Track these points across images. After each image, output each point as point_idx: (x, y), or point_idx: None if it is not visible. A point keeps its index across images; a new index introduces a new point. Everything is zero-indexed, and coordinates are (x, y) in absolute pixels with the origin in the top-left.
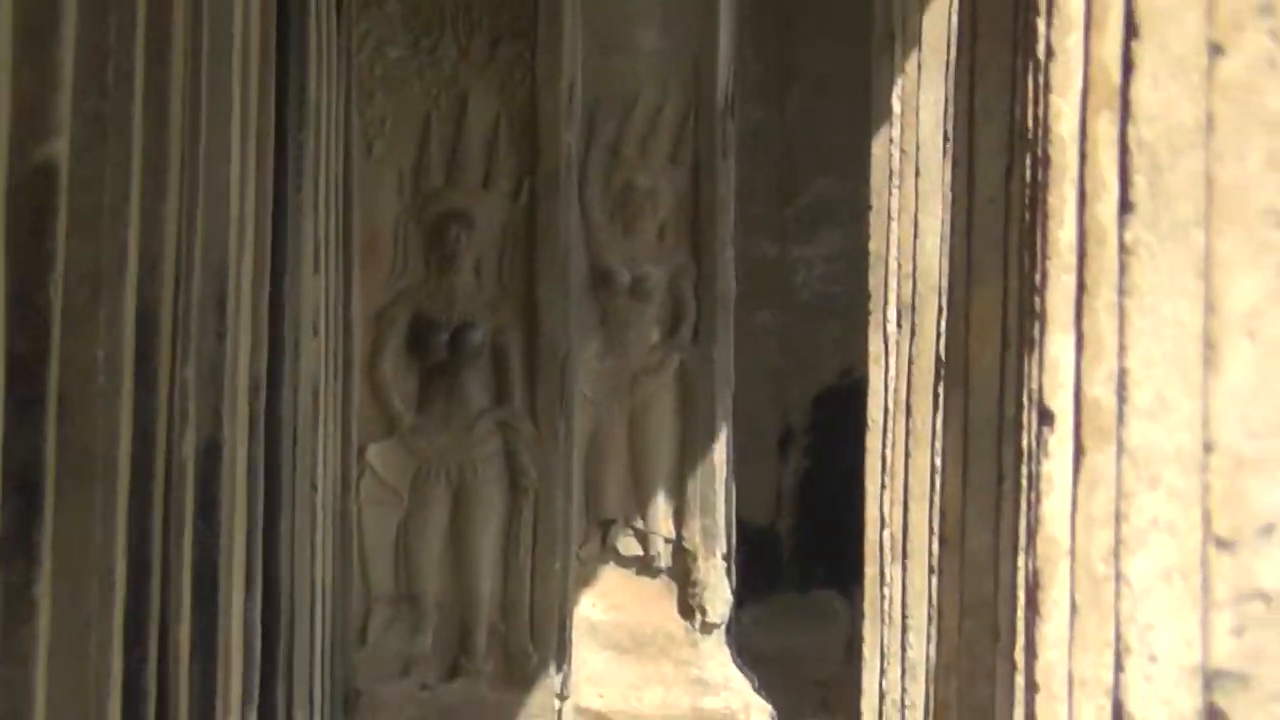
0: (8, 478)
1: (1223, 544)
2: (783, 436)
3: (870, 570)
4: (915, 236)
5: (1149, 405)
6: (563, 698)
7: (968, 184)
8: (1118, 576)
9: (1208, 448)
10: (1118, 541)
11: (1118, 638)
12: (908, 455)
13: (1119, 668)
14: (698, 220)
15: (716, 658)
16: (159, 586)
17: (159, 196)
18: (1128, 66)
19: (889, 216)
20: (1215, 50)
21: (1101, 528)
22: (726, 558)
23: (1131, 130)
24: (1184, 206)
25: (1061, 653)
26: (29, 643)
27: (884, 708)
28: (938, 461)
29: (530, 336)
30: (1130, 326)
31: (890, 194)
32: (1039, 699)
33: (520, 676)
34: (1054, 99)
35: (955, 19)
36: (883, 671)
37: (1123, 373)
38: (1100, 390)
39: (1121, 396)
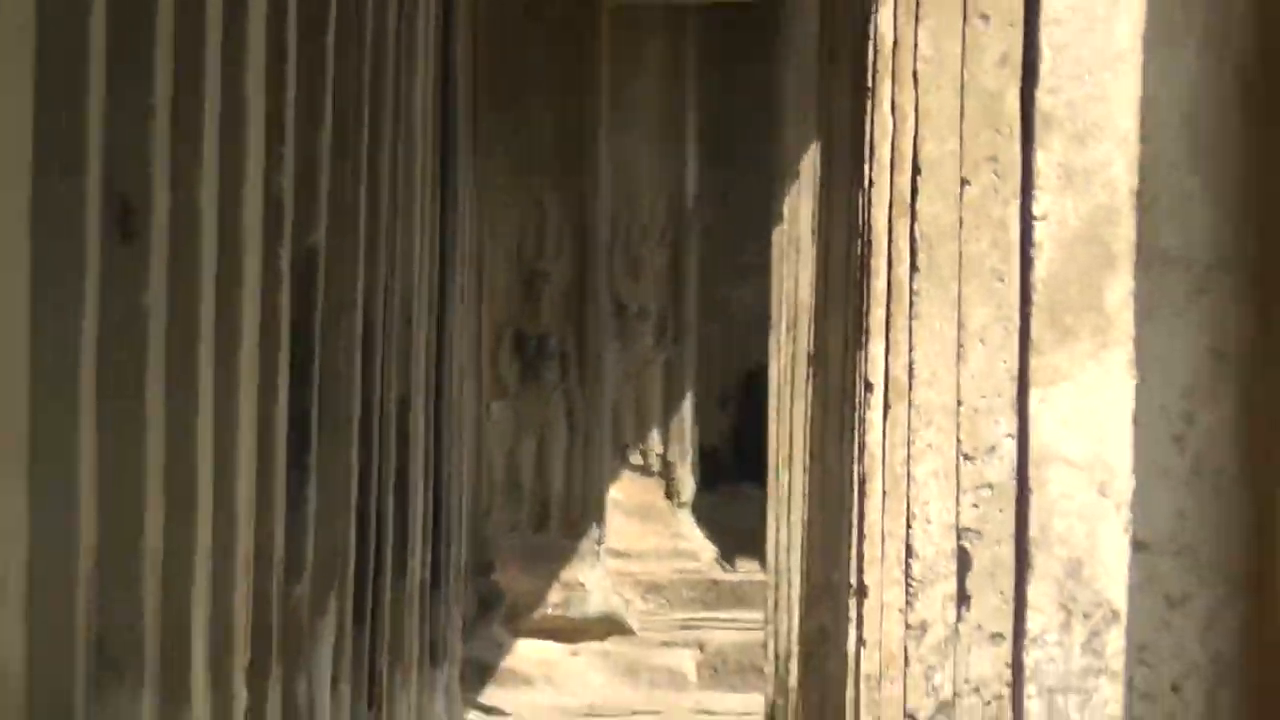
0: (292, 422)
1: (967, 457)
2: (723, 397)
3: (771, 473)
4: (796, 286)
5: (926, 379)
6: (599, 542)
7: (825, 257)
8: (908, 476)
9: (959, 403)
10: (909, 456)
11: (908, 510)
12: (791, 407)
13: (909, 525)
14: (675, 276)
15: (686, 522)
16: (376, 482)
17: (374, 261)
18: (914, 192)
19: (782, 275)
20: (964, 182)
21: (899, 448)
22: (692, 465)
23: (917, 227)
24: (947, 269)
25: (878, 517)
26: (303, 518)
27: (778, 548)
28: (809, 411)
29: (581, 343)
30: (916, 336)
31: (783, 262)
32: (865, 544)
33: (576, 531)
34: (874, 210)
35: (819, 163)
36: (778, 528)
37: (911, 362)
38: (899, 371)
39: (911, 374)
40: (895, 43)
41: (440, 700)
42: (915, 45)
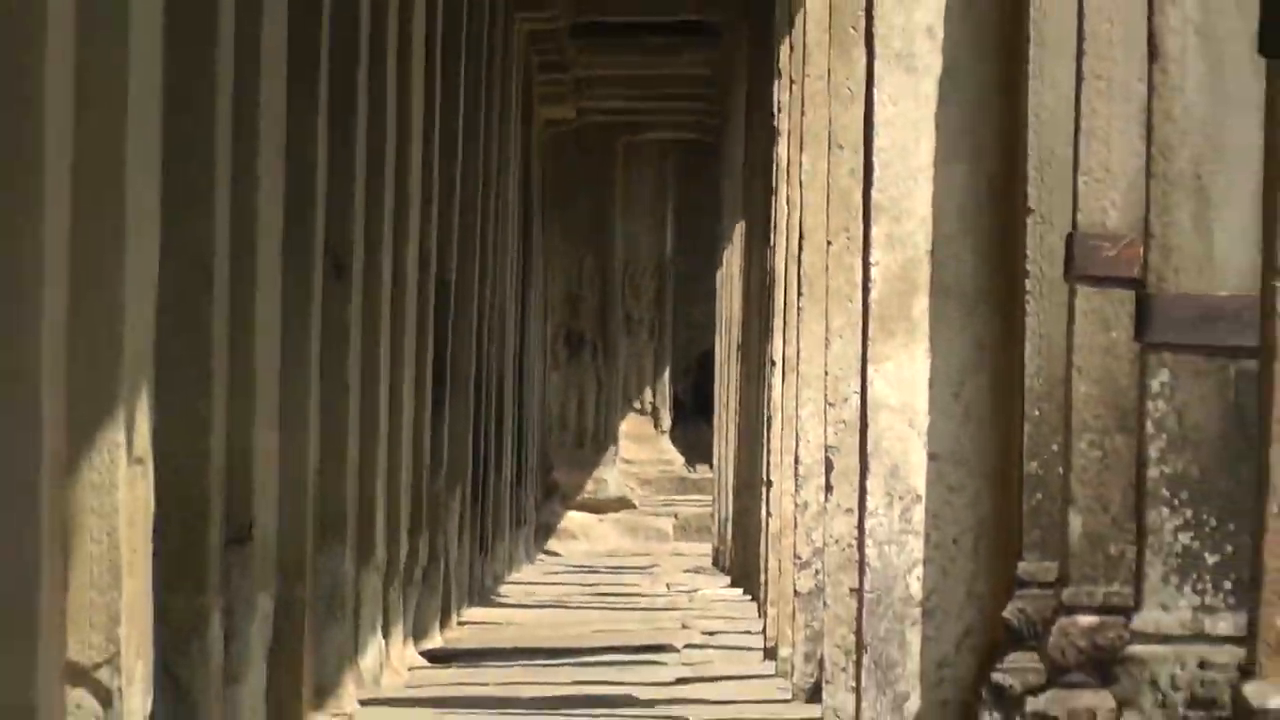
0: (435, 381)
1: (830, 404)
2: (687, 368)
3: (716, 414)
4: (731, 305)
5: (806, 359)
6: (615, 454)
7: (747, 288)
8: (796, 415)
9: (826, 373)
10: (797, 404)
11: (796, 435)
12: (728, 375)
13: (797, 444)
14: (659, 299)
15: (665, 443)
16: (484, 418)
17: (484, 289)
18: (800, 248)
19: (722, 299)
20: (829, 243)
21: (791, 399)
22: (669, 409)
23: (801, 270)
24: (819, 294)
25: (779, 440)
26: (441, 439)
27: (720, 459)
28: (738, 377)
29: (605, 339)
30: (800, 334)
31: (722, 290)
32: (771, 455)
33: (601, 448)
34: (775, 260)
35: (744, 233)
36: (720, 446)
37: (798, 349)
38: (791, 354)
39: (798, 356)
40: (789, 161)
41: (522, 548)
42: (800, 163)
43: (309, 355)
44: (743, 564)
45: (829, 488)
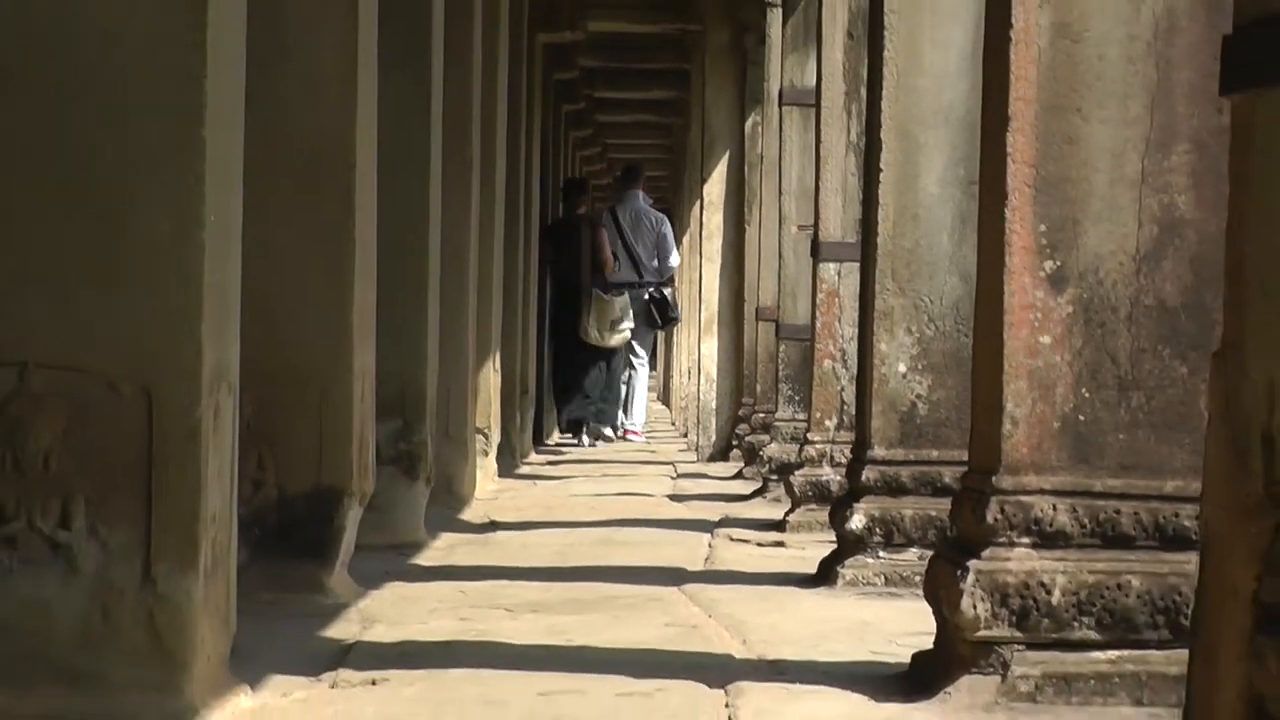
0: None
1: (690, 355)
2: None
3: (660, 357)
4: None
5: (684, 341)
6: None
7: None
8: (681, 358)
9: (687, 346)
10: (680, 356)
11: (683, 362)
12: (662, 347)
13: (681, 365)
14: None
15: (647, 359)
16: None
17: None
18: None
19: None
20: (691, 304)
21: (679, 354)
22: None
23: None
24: (687, 322)
25: (676, 365)
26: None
27: (661, 370)
28: (663, 348)
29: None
30: (681, 335)
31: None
32: (673, 369)
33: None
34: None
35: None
36: (661, 368)
37: (682, 339)
38: (678, 341)
39: (681, 341)
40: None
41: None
42: (684, 290)
43: (531, 338)
44: (666, 398)
45: (689, 378)
